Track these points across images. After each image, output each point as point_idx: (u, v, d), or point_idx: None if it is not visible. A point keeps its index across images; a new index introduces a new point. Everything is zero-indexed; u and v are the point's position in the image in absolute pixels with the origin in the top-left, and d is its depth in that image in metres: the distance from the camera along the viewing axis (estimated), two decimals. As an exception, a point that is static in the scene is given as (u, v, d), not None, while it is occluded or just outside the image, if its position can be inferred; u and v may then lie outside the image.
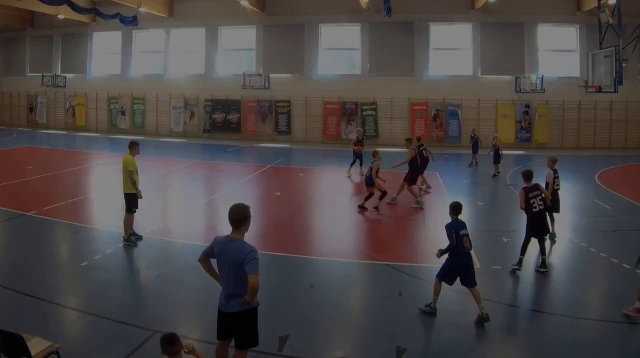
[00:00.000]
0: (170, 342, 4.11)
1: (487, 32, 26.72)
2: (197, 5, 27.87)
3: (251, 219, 4.93)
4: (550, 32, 27.18)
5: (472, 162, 20.83)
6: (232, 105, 28.15)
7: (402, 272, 8.78)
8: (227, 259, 4.77)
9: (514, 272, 8.73)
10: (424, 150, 15.42)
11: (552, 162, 10.81)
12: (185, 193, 15.43)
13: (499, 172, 18.68)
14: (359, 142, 17.93)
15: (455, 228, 7.05)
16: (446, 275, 7.05)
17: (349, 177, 17.58)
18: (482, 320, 6.71)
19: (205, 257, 5.04)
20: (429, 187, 15.89)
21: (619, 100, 25.68)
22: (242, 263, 4.63)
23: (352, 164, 17.87)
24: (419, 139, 16.35)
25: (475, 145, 20.75)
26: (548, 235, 9.66)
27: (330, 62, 28.42)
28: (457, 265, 6.94)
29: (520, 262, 8.78)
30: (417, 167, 14.03)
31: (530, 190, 8.80)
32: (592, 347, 6.33)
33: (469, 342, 6.53)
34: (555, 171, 10.64)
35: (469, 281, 6.88)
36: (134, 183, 9.58)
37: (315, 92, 27.45)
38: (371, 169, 12.59)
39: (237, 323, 4.87)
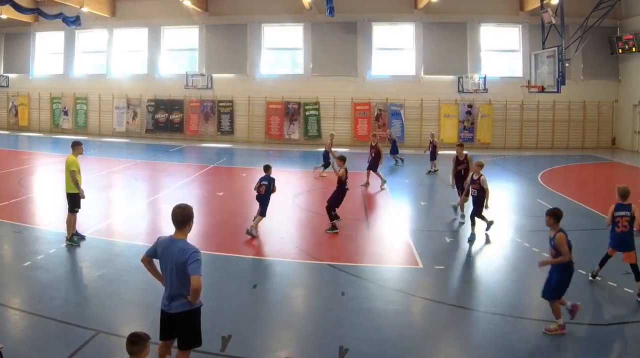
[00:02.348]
0: (133, 342, 4.07)
1: (429, 32, 26.72)
2: (139, 6, 27.68)
3: (194, 219, 4.92)
4: (493, 32, 27.28)
5: (396, 161, 20.78)
6: (174, 105, 27.91)
7: (345, 272, 8.73)
8: (170, 260, 4.77)
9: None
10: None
11: (480, 167, 10.84)
12: (127, 193, 15.36)
13: (436, 170, 18.67)
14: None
15: (263, 180, 10.63)
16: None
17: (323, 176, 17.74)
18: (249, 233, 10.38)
19: (148, 258, 5.07)
20: (367, 184, 16.27)
21: (562, 101, 25.76)
22: (185, 264, 4.64)
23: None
24: (374, 136, 17.55)
25: (394, 145, 20.92)
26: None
27: (273, 62, 28.30)
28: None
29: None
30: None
31: None
32: (535, 346, 6.35)
33: (412, 341, 6.50)
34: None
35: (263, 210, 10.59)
36: (77, 183, 9.52)
37: (258, 92, 27.28)
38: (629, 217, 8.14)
39: (180, 323, 4.86)
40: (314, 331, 6.71)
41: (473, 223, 10.74)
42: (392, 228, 11.86)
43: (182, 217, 4.82)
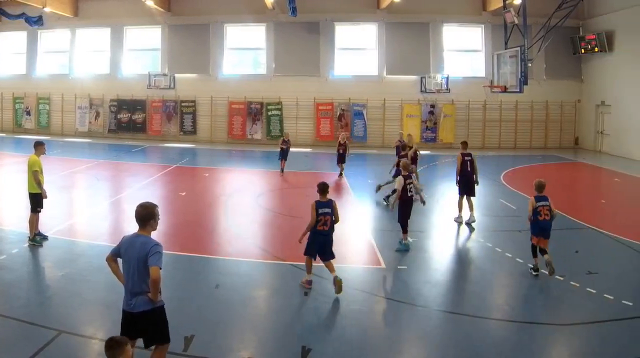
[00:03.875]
0: (110, 347, 3.92)
1: (392, 32, 26.73)
2: (102, 6, 27.50)
3: (159, 219, 4.97)
4: (456, 32, 27.31)
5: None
6: (137, 105, 27.75)
7: None
8: (132, 255, 4.82)
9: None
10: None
11: (404, 168, 10.41)
12: (90, 193, 15.26)
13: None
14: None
15: None
16: None
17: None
18: None
19: (113, 256, 5.11)
20: None
21: (524, 101, 25.80)
22: (146, 257, 4.70)
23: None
24: (410, 136, 16.47)
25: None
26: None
27: (236, 62, 28.21)
28: None
29: None
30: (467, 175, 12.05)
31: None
32: (497, 346, 6.36)
33: (374, 342, 6.50)
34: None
35: None
36: (39, 183, 9.56)
37: (221, 92, 27.16)
38: None
39: (144, 322, 4.85)
40: (277, 331, 6.73)
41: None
42: (355, 228, 11.78)
43: (142, 215, 4.87)
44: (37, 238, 9.68)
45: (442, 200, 14.73)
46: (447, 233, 11.61)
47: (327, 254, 7.78)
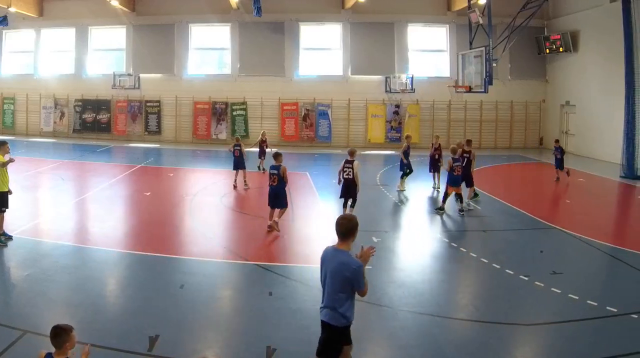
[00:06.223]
0: (55, 335, 4.06)
1: (357, 32, 26.74)
2: (67, 6, 27.35)
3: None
4: (420, 32, 27.37)
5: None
6: (102, 105, 27.62)
7: (272, 272, 8.78)
8: (330, 269, 4.78)
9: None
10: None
11: (352, 154, 11.72)
12: (55, 193, 15.22)
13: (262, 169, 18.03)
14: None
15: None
16: None
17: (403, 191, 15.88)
18: None
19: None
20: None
21: (489, 101, 25.82)
22: (349, 280, 4.67)
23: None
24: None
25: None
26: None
27: (201, 62, 28.18)
28: None
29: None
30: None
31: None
32: (463, 346, 6.36)
33: None
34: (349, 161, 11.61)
35: None
36: (4, 164, 9.60)
37: (186, 92, 27.07)
38: None
39: (325, 332, 4.94)
40: (242, 331, 6.72)
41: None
42: (320, 228, 11.77)
43: (347, 228, 4.78)
44: (1, 239, 9.68)
45: (407, 200, 14.86)
46: (412, 233, 11.65)
47: (276, 204, 10.88)
